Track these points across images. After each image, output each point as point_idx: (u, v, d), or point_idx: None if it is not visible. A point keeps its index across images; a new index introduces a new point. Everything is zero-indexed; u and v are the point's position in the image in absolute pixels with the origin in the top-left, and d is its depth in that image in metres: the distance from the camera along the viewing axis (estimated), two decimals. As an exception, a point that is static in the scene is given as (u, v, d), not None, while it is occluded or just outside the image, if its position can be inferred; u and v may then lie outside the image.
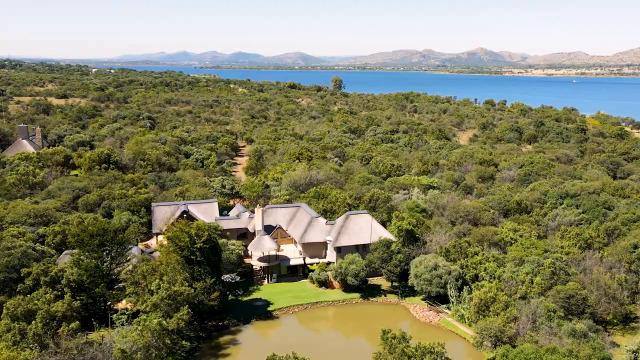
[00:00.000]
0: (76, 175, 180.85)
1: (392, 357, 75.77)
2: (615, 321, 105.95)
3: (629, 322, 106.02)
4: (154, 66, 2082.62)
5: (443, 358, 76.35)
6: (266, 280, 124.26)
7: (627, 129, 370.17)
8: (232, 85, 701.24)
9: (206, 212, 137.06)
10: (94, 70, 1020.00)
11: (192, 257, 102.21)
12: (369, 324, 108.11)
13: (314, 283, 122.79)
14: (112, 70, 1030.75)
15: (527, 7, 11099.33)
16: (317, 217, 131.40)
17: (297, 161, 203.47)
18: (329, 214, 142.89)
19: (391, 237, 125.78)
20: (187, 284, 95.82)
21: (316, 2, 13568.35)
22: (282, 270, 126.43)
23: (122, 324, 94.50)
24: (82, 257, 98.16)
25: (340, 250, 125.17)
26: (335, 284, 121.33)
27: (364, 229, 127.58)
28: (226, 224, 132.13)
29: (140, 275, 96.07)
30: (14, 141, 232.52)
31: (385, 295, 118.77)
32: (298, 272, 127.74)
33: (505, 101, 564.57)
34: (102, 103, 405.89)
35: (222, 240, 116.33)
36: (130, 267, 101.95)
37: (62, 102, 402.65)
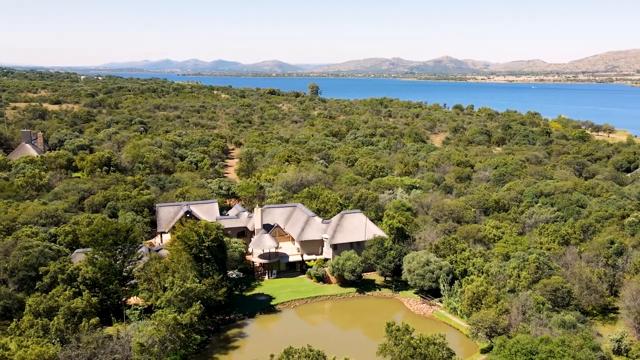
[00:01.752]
0: (78, 177, 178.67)
1: (397, 349, 75.74)
2: (594, 312, 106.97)
3: (607, 312, 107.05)
4: (139, 73, 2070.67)
5: (444, 348, 76.58)
6: (266, 276, 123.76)
7: (587, 131, 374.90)
8: (215, 92, 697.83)
9: (207, 212, 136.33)
10: (82, 77, 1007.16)
11: (200, 255, 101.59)
12: (368, 316, 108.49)
13: (312, 278, 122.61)
14: (100, 77, 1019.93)
15: (490, 17, 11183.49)
16: (314, 216, 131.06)
17: (286, 163, 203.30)
18: (322, 213, 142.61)
19: (383, 234, 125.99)
20: (197, 280, 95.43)
21: (293, 12, 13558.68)
22: (281, 266, 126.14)
23: (137, 319, 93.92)
24: (96, 256, 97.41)
25: (336, 248, 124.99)
26: (332, 279, 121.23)
27: (358, 227, 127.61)
28: (226, 223, 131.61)
29: (154, 272, 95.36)
30: (15, 145, 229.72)
31: (380, 289, 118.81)
32: (296, 268, 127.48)
33: (473, 106, 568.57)
34: (94, 108, 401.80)
35: (225, 239, 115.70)
36: (142, 264, 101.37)
37: (56, 107, 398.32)
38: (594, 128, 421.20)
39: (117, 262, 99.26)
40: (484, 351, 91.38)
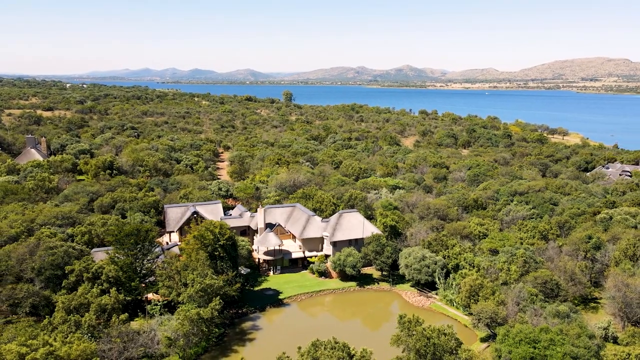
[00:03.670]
0: (82, 180, 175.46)
1: (412, 339, 75.58)
2: (576, 302, 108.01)
3: (588, 302, 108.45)
4: (120, 81, 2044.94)
5: (454, 338, 76.79)
6: (271, 272, 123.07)
7: (544, 134, 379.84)
8: (196, 99, 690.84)
9: (212, 212, 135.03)
10: (68, 85, 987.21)
11: (215, 253, 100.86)
12: (369, 308, 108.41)
13: (314, 273, 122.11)
14: (84, 85, 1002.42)
15: (447, 28, 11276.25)
16: (313, 215, 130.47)
17: (277, 165, 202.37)
18: (317, 212, 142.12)
19: (378, 232, 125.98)
20: (214, 277, 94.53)
21: (264, 23, 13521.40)
22: (284, 262, 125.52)
23: (158, 314, 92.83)
24: (117, 255, 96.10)
25: (336, 245, 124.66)
26: (334, 274, 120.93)
27: (356, 225, 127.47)
28: (231, 222, 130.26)
29: (175, 270, 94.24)
30: (17, 150, 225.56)
31: (378, 283, 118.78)
32: (298, 265, 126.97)
33: (437, 111, 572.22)
34: (85, 115, 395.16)
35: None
36: (160, 262, 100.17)
37: (49, 114, 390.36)
38: (550, 131, 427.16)
39: (138, 261, 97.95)
40: (483, 340, 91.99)
